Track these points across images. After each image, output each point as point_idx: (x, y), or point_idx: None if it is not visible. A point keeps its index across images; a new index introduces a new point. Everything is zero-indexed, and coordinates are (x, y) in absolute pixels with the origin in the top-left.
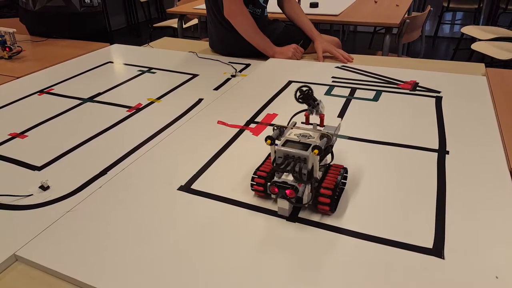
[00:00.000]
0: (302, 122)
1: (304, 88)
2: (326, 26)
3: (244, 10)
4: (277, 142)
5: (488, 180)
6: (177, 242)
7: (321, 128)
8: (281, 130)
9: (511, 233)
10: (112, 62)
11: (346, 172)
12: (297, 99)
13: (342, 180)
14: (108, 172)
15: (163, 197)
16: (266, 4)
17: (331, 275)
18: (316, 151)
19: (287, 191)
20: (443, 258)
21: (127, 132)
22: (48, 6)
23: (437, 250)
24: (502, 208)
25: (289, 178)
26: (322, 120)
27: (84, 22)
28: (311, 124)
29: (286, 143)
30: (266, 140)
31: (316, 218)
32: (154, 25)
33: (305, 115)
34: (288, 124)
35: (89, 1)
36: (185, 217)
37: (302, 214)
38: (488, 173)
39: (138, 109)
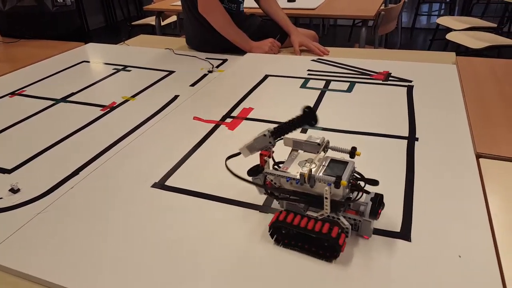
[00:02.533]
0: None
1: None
2: (306, 20)
3: (219, 6)
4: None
5: (455, 164)
6: (150, 239)
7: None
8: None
9: (474, 215)
10: (86, 62)
11: None
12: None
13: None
14: (80, 173)
15: (137, 195)
16: None
17: (308, 267)
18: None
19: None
20: (410, 241)
21: (101, 132)
22: (18, 6)
23: (405, 233)
24: (467, 191)
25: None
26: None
27: (57, 22)
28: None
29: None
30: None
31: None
32: (133, 23)
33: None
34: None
35: (61, 1)
36: (158, 214)
37: (275, 204)
38: (455, 158)
39: (112, 107)
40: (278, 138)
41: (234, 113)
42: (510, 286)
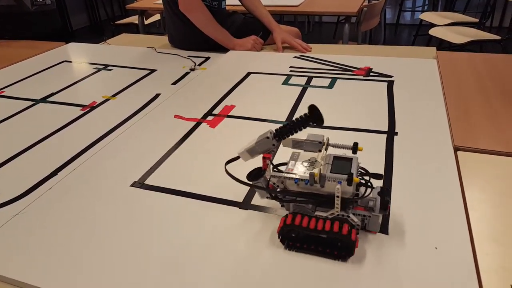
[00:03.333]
0: None
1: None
2: (291, 17)
3: (199, 3)
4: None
5: (433, 158)
6: (129, 238)
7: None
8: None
9: (451, 207)
10: (67, 61)
11: None
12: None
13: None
14: (58, 173)
15: (116, 194)
16: None
17: (283, 261)
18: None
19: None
20: (388, 234)
21: (80, 132)
22: None
23: (383, 226)
24: (445, 184)
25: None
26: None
27: (37, 21)
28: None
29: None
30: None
31: (265, 203)
32: (116, 22)
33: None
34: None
35: (41, 0)
36: (137, 213)
37: (255, 200)
38: (433, 151)
39: (93, 107)
40: (282, 140)
41: (216, 111)
42: (484, 277)
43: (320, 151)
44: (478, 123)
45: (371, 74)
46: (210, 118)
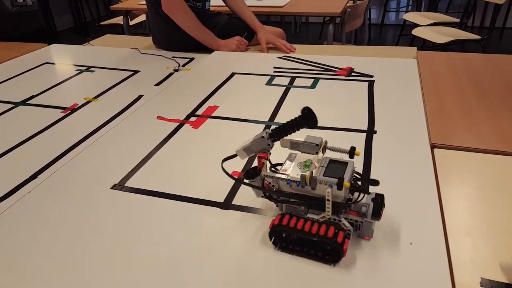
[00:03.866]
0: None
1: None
2: (277, 18)
3: (183, 4)
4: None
5: (410, 155)
6: (109, 241)
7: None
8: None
9: (426, 204)
10: (49, 63)
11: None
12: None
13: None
14: (38, 176)
15: (95, 197)
16: None
17: (264, 260)
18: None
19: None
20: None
21: (61, 134)
22: None
23: None
24: (421, 181)
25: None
26: None
27: (17, 22)
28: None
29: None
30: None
31: (247, 203)
32: (101, 23)
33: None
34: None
35: (21, 0)
36: (117, 216)
37: (236, 200)
38: (410, 149)
39: (74, 109)
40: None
41: (199, 112)
42: (457, 273)
43: (317, 153)
44: (454, 121)
45: (352, 74)
46: (193, 119)
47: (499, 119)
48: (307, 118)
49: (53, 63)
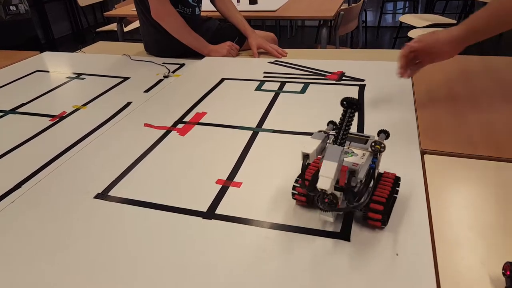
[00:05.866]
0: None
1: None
2: (272, 22)
3: (171, 10)
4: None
5: (400, 161)
6: (90, 251)
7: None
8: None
9: (414, 213)
10: (41, 71)
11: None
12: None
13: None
14: (22, 186)
15: (78, 207)
16: (197, 3)
17: (241, 267)
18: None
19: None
20: (349, 241)
21: (48, 143)
22: None
23: (345, 233)
24: (410, 188)
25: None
26: None
27: (11, 31)
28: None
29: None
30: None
31: (232, 213)
32: (97, 29)
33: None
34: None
35: (14, 9)
36: (98, 226)
37: (220, 210)
38: (400, 155)
39: (62, 117)
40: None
41: (187, 118)
42: (444, 284)
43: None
44: (446, 126)
45: (343, 78)
46: (180, 126)
47: (491, 124)
48: (354, 105)
49: (44, 71)
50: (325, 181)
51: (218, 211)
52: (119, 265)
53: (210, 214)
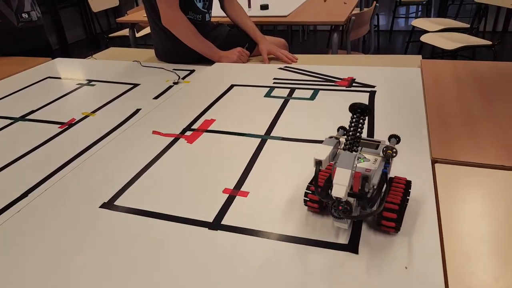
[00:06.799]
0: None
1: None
2: (284, 26)
3: (182, 17)
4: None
5: (410, 170)
6: (95, 263)
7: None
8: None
9: (424, 224)
10: (52, 78)
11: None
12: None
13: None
14: (29, 195)
15: (83, 217)
16: (208, 9)
17: (247, 280)
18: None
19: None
20: (357, 253)
21: (56, 151)
22: None
23: (352, 246)
24: (420, 198)
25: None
26: None
27: (23, 37)
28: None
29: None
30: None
31: (239, 223)
32: (110, 35)
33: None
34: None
35: (26, 16)
36: (103, 237)
37: (225, 221)
38: (411, 164)
39: (71, 124)
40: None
41: (195, 126)
42: None
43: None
44: (457, 134)
45: (353, 84)
46: (188, 133)
47: (505, 132)
48: (365, 110)
49: (55, 78)
50: (340, 189)
51: (225, 221)
52: (124, 277)
53: (216, 224)
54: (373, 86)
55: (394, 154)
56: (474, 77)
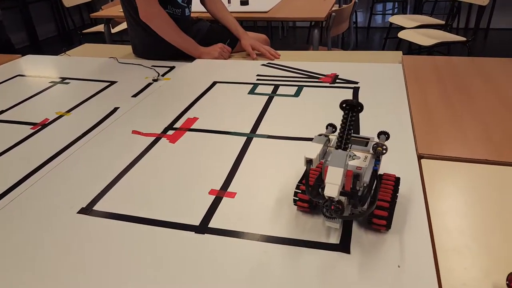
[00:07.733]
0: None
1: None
2: (264, 22)
3: (160, 11)
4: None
5: (396, 166)
6: (74, 272)
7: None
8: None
9: (414, 222)
10: (22, 76)
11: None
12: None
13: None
14: (0, 200)
15: (60, 223)
16: (187, 4)
17: (237, 284)
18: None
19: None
20: (349, 253)
21: (29, 153)
22: None
23: (344, 245)
24: (408, 194)
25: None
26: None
27: None
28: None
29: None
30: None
31: (227, 226)
32: (84, 31)
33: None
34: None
35: None
36: (84, 243)
37: (212, 223)
38: (397, 160)
39: (44, 125)
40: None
41: (177, 124)
42: None
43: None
44: (442, 129)
45: (337, 81)
46: (170, 132)
47: (487, 126)
48: (355, 107)
49: (25, 76)
50: (333, 188)
51: (212, 224)
52: (105, 285)
53: (203, 228)
54: (357, 82)
55: (384, 151)
56: (454, 73)
